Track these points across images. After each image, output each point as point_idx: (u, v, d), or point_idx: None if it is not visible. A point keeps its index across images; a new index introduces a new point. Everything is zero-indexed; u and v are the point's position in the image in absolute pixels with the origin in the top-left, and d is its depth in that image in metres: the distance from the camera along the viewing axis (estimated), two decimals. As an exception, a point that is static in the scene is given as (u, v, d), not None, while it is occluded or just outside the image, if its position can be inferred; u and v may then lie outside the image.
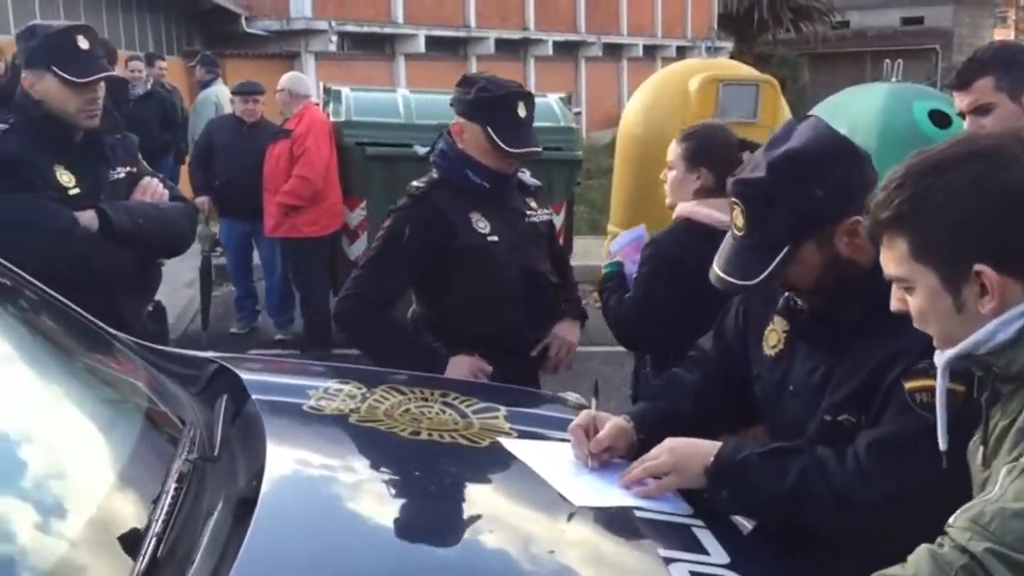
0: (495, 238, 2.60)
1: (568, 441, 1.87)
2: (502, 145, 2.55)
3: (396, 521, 1.56)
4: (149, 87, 8.70)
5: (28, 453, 1.47)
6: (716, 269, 1.70)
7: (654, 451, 1.75)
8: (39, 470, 1.43)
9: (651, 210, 4.11)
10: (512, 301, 2.62)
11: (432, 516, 1.62)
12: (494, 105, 2.59)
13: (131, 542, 1.28)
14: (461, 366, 2.53)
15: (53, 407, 1.65)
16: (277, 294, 6.59)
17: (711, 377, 1.96)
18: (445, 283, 2.61)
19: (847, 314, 1.65)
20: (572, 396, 2.32)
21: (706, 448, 1.70)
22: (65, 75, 2.61)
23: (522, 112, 2.61)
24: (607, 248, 3.50)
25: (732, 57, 21.18)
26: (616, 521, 1.65)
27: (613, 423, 1.86)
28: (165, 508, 1.35)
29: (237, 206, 6.32)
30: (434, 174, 2.68)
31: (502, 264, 2.60)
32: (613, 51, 24.79)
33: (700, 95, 6.83)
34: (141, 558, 1.24)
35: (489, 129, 2.56)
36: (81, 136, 2.71)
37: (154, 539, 1.28)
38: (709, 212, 2.69)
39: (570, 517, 1.64)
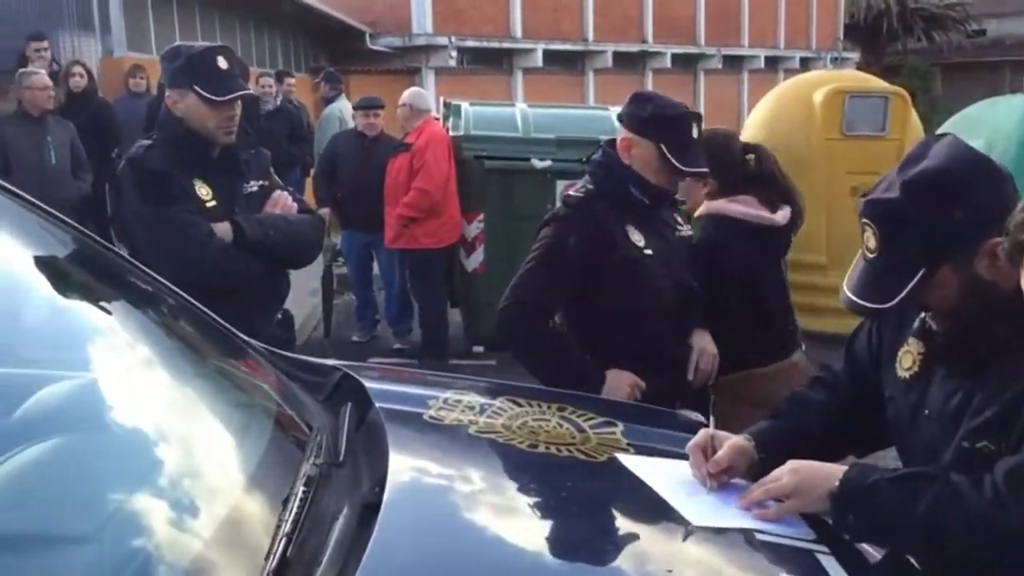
0: (650, 251, 2.59)
1: (686, 459, 1.85)
2: (676, 164, 2.55)
3: (514, 534, 1.56)
4: (279, 103, 9.05)
5: (167, 452, 1.54)
6: (846, 291, 1.65)
7: (776, 472, 1.71)
8: (177, 469, 1.50)
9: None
10: (665, 316, 2.61)
11: (549, 530, 1.62)
12: (670, 124, 2.59)
13: (262, 541, 1.34)
14: (621, 380, 2.52)
15: (191, 409, 1.74)
16: (396, 304, 6.74)
17: (839, 398, 1.90)
18: (597, 296, 2.59)
19: (986, 338, 1.57)
20: (692, 414, 2.29)
21: (831, 471, 1.65)
22: (205, 93, 2.74)
23: (694, 132, 2.62)
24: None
25: (859, 68, 20.55)
26: (736, 542, 1.61)
27: (732, 443, 1.82)
28: (294, 510, 1.40)
29: (358, 218, 6.51)
30: (590, 185, 2.67)
31: (656, 278, 2.59)
32: (733, 63, 24.43)
33: (825, 108, 6.67)
34: (271, 557, 1.28)
35: (663, 147, 2.55)
36: (218, 151, 2.84)
37: (284, 539, 1.32)
38: (736, 207, 2.84)
39: (688, 536, 1.62)
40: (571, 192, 2.70)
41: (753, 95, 19.22)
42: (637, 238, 2.58)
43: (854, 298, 1.63)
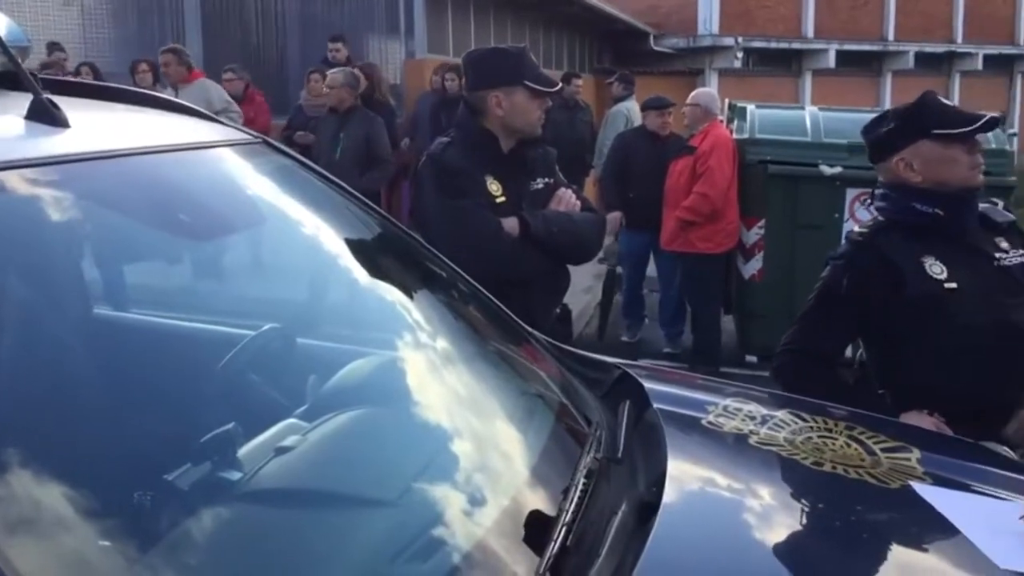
0: (953, 285, 2.32)
1: (994, 496, 1.68)
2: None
3: (797, 553, 1.50)
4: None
5: (457, 433, 1.62)
6: None
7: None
8: (466, 450, 1.57)
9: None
10: (976, 358, 2.31)
11: (835, 554, 1.53)
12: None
13: (543, 528, 1.36)
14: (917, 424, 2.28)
15: (481, 392, 1.81)
16: (671, 307, 6.68)
17: None
18: (894, 337, 2.40)
19: None
20: (1001, 448, 2.08)
21: None
22: (536, 86, 2.87)
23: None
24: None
25: None
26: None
27: None
28: (574, 500, 1.42)
29: (642, 218, 6.47)
30: (879, 218, 2.48)
31: (964, 315, 2.31)
32: (1057, 65, 21.96)
33: None
34: (552, 543, 1.31)
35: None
36: (510, 149, 2.95)
37: (564, 528, 1.34)
38: None
39: (992, 579, 1.47)
40: (856, 228, 2.52)
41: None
42: (937, 271, 2.33)
43: None
